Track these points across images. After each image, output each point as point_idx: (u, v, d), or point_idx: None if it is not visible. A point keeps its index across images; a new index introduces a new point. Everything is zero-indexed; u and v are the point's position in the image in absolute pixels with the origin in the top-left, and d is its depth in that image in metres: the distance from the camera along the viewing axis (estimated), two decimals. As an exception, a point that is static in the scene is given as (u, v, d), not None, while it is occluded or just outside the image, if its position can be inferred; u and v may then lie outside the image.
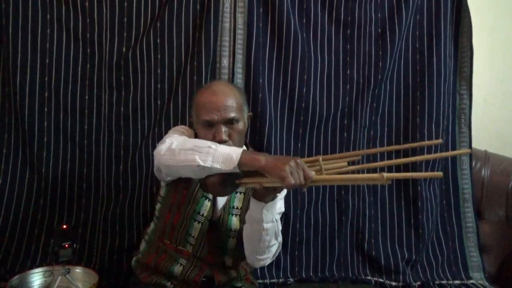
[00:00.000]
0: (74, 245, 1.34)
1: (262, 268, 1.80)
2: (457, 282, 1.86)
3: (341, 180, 1.11)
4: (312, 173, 1.08)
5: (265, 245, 1.30)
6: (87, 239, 1.77)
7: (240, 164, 1.11)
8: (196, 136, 1.35)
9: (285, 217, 1.84)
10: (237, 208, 1.41)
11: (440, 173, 1.02)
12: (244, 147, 1.43)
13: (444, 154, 1.15)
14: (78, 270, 1.45)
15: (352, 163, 1.18)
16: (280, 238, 1.36)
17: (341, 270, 1.86)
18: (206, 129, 1.30)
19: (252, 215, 1.25)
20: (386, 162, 1.12)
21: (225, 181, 1.17)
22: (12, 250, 1.74)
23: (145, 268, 1.44)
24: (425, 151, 1.83)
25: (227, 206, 1.40)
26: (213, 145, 1.17)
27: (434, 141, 1.28)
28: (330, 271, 1.85)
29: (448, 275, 1.88)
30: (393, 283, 1.83)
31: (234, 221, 1.39)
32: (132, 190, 1.78)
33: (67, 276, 1.37)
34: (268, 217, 1.24)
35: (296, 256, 1.86)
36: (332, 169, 1.12)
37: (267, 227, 1.25)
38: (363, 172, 1.48)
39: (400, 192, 1.92)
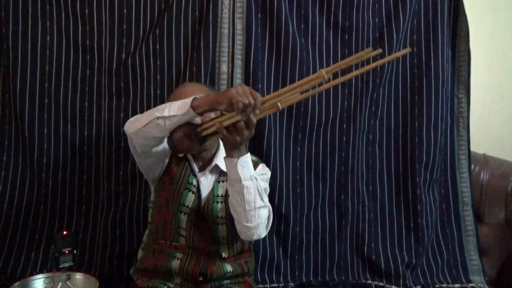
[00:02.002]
0: (75, 251, 1.34)
1: (262, 272, 1.81)
2: (457, 285, 1.86)
3: (286, 92, 1.19)
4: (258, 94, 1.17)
5: (251, 207, 1.27)
6: (87, 245, 1.78)
7: (193, 105, 1.20)
8: None
9: (285, 221, 1.85)
10: (221, 196, 1.44)
11: (377, 50, 1.08)
12: None
13: (386, 58, 1.26)
14: (78, 276, 1.45)
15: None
16: (266, 201, 1.34)
17: (341, 274, 1.86)
18: None
19: (230, 177, 1.28)
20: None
21: (189, 133, 1.25)
22: (13, 256, 1.74)
23: (143, 274, 1.46)
24: (425, 149, 1.87)
25: (211, 195, 1.43)
26: (169, 103, 1.26)
27: (402, 52, 1.30)
28: (330, 275, 1.85)
29: (448, 278, 1.88)
30: (393, 287, 1.83)
31: (219, 208, 1.42)
32: (131, 196, 1.79)
33: (67, 282, 1.36)
34: (245, 173, 1.25)
35: (296, 260, 1.86)
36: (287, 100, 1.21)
37: (247, 185, 1.25)
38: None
39: (400, 196, 1.92)
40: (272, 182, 1.69)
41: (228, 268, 1.45)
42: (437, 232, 1.94)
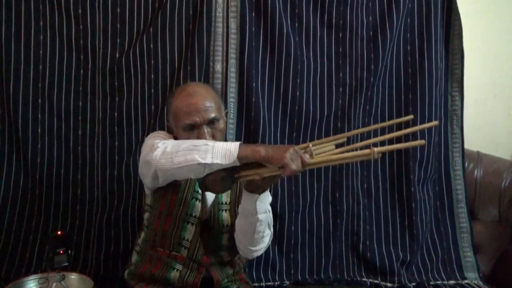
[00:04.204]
0: (69, 251, 1.33)
1: (257, 271, 1.81)
2: (452, 282, 1.86)
3: (334, 160, 1.15)
4: (307, 158, 1.11)
5: (259, 236, 1.32)
6: (82, 245, 1.77)
7: (239, 156, 1.11)
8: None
9: (280, 220, 1.85)
10: (226, 203, 1.42)
11: (422, 141, 1.12)
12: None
13: (415, 128, 1.28)
14: (73, 276, 1.44)
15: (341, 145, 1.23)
16: (272, 229, 1.38)
17: (336, 272, 1.87)
18: (188, 132, 1.30)
19: (246, 208, 1.27)
20: (370, 141, 1.20)
21: (224, 177, 1.16)
22: (7, 256, 1.73)
23: (140, 279, 1.43)
24: (418, 147, 1.88)
25: (216, 203, 1.41)
26: (209, 142, 1.16)
27: (406, 118, 1.39)
28: (326, 273, 1.86)
29: (443, 275, 1.89)
30: (388, 284, 1.84)
31: (225, 217, 1.41)
32: (126, 195, 1.78)
33: (62, 282, 1.36)
34: (261, 208, 1.26)
35: (291, 258, 1.86)
36: (322, 153, 1.17)
37: (261, 218, 1.28)
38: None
39: (394, 194, 1.93)
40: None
41: (229, 270, 1.45)
42: (432, 229, 1.95)
